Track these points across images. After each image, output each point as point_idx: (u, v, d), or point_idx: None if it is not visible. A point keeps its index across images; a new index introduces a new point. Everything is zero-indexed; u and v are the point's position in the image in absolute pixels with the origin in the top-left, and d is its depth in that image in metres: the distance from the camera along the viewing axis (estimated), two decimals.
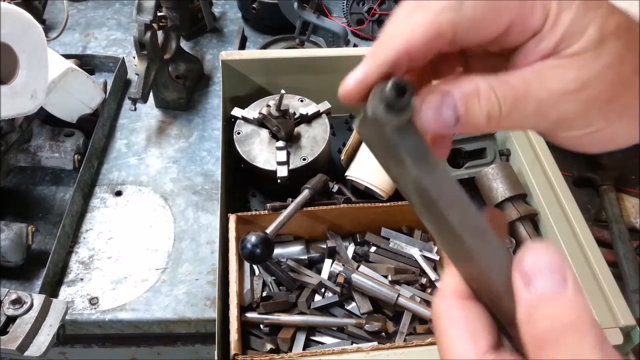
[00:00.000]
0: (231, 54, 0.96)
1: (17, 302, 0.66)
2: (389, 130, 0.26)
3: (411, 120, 0.27)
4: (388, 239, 0.84)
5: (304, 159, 0.85)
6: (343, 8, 1.26)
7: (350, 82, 0.28)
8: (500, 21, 0.27)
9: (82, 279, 0.83)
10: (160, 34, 1.01)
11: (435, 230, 0.28)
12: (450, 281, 0.28)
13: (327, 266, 0.79)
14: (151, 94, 1.04)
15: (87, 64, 1.12)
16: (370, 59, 0.27)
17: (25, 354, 0.63)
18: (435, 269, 0.82)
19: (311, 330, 0.75)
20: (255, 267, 0.80)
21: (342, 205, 0.82)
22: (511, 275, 0.24)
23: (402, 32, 0.27)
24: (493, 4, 0.27)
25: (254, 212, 0.81)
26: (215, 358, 0.65)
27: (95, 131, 0.97)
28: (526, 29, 0.27)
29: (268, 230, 0.72)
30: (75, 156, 0.92)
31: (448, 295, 0.27)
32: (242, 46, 1.22)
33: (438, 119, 0.27)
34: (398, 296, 0.74)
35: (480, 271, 0.26)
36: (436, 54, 0.28)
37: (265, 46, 1.22)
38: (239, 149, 0.87)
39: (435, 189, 0.26)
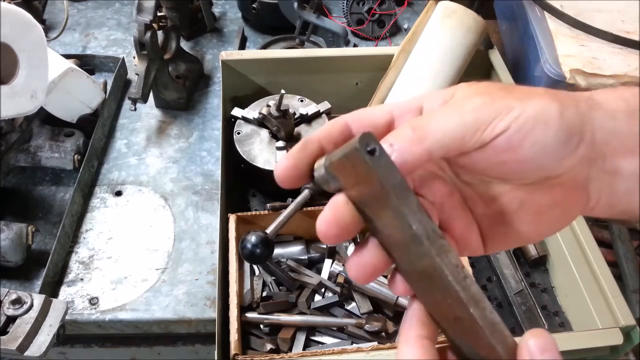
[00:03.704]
0: (231, 54, 0.97)
1: (17, 302, 0.66)
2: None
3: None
4: None
5: None
6: (343, 8, 1.26)
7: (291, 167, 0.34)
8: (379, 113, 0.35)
9: (82, 279, 0.83)
10: (160, 34, 1.01)
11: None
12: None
13: (327, 266, 0.79)
14: (151, 94, 1.04)
15: (87, 64, 1.12)
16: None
17: (25, 354, 0.63)
18: None
19: (311, 330, 0.75)
20: (255, 267, 0.80)
21: None
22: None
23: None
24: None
25: (254, 212, 0.81)
26: (215, 358, 0.65)
27: (95, 131, 0.97)
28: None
29: (268, 230, 0.72)
30: (75, 156, 0.92)
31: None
32: (242, 46, 1.22)
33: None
34: (398, 296, 0.74)
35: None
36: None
37: (265, 46, 1.22)
38: (239, 149, 0.87)
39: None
